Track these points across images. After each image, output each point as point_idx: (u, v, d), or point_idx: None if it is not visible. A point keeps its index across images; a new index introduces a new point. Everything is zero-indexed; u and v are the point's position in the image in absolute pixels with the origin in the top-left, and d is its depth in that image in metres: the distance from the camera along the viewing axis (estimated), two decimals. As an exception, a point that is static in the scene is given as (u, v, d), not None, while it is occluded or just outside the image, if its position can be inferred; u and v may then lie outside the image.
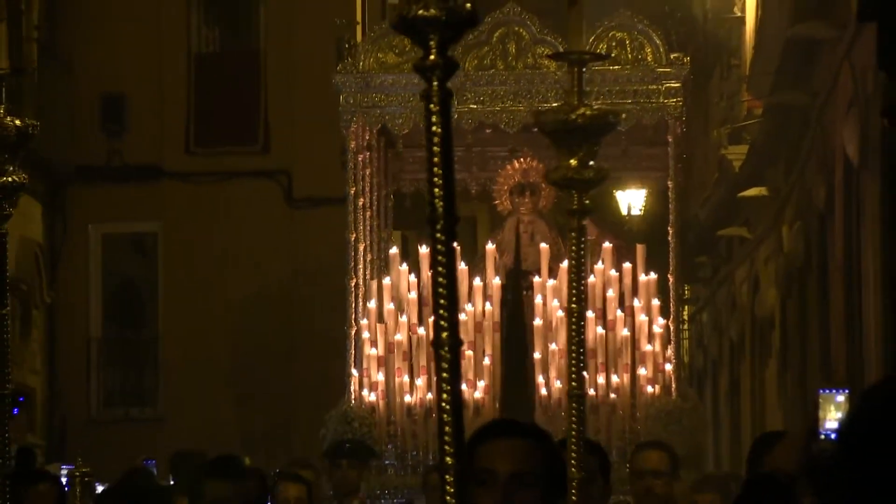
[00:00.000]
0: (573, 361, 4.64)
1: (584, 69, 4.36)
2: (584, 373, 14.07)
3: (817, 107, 20.51)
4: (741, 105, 25.23)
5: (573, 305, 4.61)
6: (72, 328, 25.70)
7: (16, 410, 22.65)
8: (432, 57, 3.04)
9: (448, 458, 2.92)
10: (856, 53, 16.62)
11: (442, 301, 3.00)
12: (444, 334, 2.97)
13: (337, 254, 15.92)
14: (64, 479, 15.39)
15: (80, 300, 25.82)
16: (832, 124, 19.16)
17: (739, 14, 25.28)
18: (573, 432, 4.51)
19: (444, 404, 2.98)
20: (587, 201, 4.50)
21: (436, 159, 3.01)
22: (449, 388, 2.98)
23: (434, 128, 3.01)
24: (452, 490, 2.91)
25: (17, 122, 4.78)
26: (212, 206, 25.11)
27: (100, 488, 18.03)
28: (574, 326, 4.63)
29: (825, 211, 20.30)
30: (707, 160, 28.88)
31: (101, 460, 20.26)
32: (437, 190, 3.01)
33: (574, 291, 4.60)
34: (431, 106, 3.03)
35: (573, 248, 4.60)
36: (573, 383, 4.61)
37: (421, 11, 2.97)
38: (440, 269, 3.01)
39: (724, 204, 26.88)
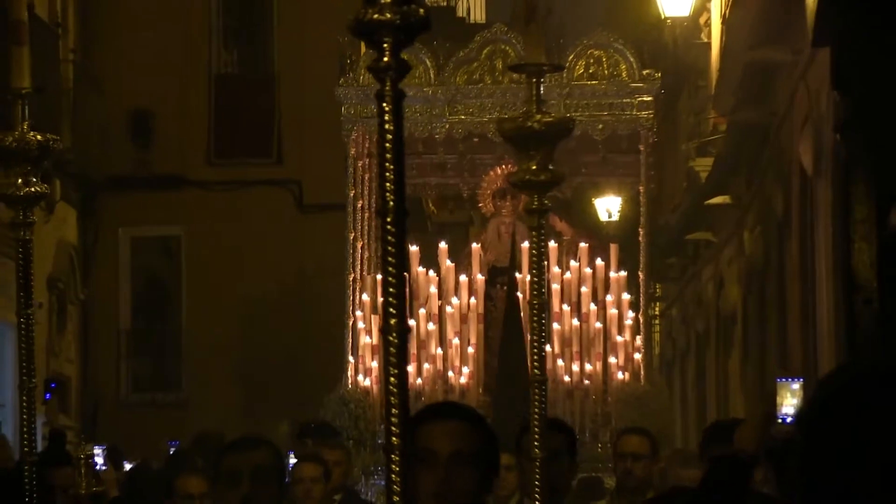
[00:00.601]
0: (534, 350, 4.60)
1: (542, 79, 4.37)
2: (560, 360, 13.94)
3: (775, 123, 20.52)
4: (707, 121, 25.21)
5: (534, 300, 4.60)
6: (103, 321, 25.69)
7: (48, 396, 22.51)
8: (386, 59, 2.93)
9: (394, 439, 2.84)
10: (811, 75, 16.59)
11: (391, 290, 2.89)
12: (393, 321, 2.87)
13: (341, 255, 15.84)
14: (101, 461, 15.27)
15: (110, 296, 25.83)
16: (789, 139, 19.16)
17: (705, 40, 25.23)
18: (535, 415, 4.49)
19: (391, 387, 2.89)
20: (546, 202, 4.49)
21: (388, 155, 2.93)
22: (396, 371, 2.88)
23: (387, 125, 2.93)
24: (397, 469, 2.83)
25: (39, 136, 4.73)
26: (230, 211, 25.17)
27: (127, 466, 18.00)
28: (535, 317, 4.58)
29: (783, 217, 20.30)
30: (676, 171, 28.87)
31: (129, 441, 20.25)
32: (388, 185, 2.92)
33: (535, 285, 4.58)
34: (384, 105, 2.95)
35: (534, 244, 4.57)
36: (535, 370, 4.57)
37: (376, 15, 2.86)
38: (390, 258, 2.89)
39: (691, 210, 26.84)
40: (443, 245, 15.95)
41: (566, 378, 14.32)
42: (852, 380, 2.26)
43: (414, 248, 15.65)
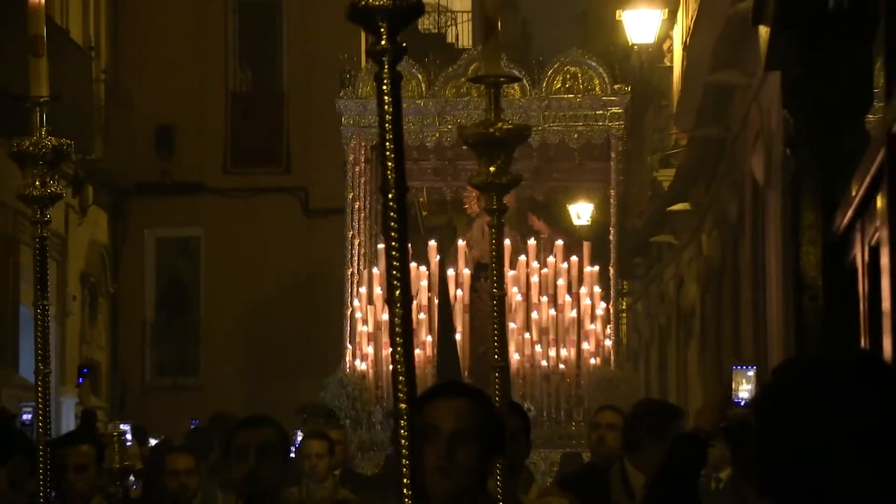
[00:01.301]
0: (496, 338, 4.44)
1: (500, 89, 4.29)
2: (538, 347, 13.82)
3: (731, 139, 20.52)
4: (670, 137, 25.21)
5: (495, 290, 4.45)
6: (130, 313, 25.67)
7: (81, 380, 22.49)
8: (383, 42, 2.80)
9: (402, 405, 2.73)
10: (762, 96, 16.60)
11: (395, 263, 2.78)
12: (398, 292, 2.77)
13: (342, 254, 15.79)
14: (129, 437, 15.24)
15: (137, 290, 25.79)
16: (743, 153, 19.15)
17: (668, 64, 25.21)
18: (497, 398, 4.33)
19: (397, 356, 2.77)
20: (505, 202, 4.37)
21: (388, 135, 2.81)
22: (402, 340, 2.77)
23: (386, 106, 2.81)
24: (406, 433, 2.73)
25: (54, 141, 4.60)
26: (244, 215, 25.18)
27: (153, 441, 18.01)
28: (496, 309, 4.45)
29: (737, 222, 20.30)
30: (642, 181, 28.88)
31: (153, 420, 20.24)
32: (389, 163, 2.80)
33: (496, 278, 4.44)
34: (384, 86, 2.83)
35: (493, 241, 4.44)
36: (496, 356, 4.42)
37: (372, 1, 2.76)
38: (393, 233, 2.78)
39: (655, 216, 26.84)
40: (432, 242, 15.93)
41: (543, 363, 14.27)
42: (802, 374, 2.23)
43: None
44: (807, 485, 2.09)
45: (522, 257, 14.70)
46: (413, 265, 15.44)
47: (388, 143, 2.80)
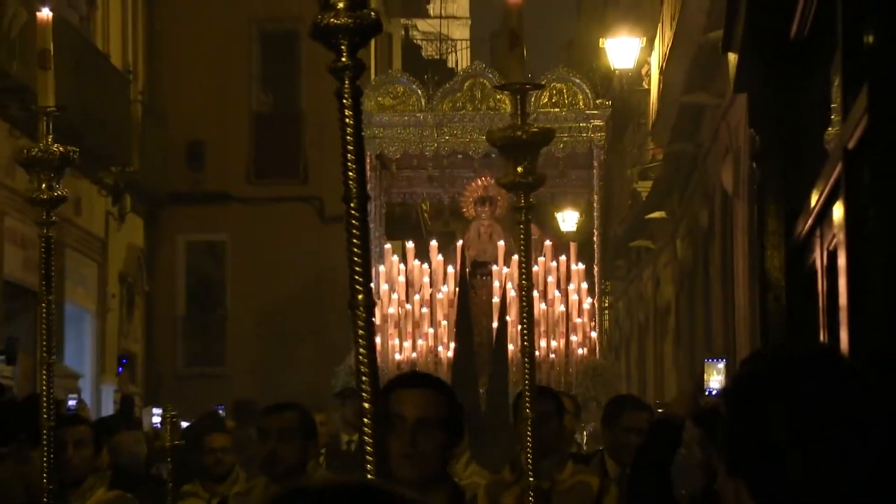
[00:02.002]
0: (524, 327, 4.32)
1: (525, 98, 4.17)
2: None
3: (702, 154, 20.52)
4: (647, 152, 25.22)
5: (523, 282, 4.36)
6: (164, 309, 25.66)
7: (120, 370, 22.50)
8: (343, 59, 2.66)
9: (365, 404, 2.58)
10: (731, 115, 16.60)
11: (357, 268, 2.65)
12: (360, 296, 2.63)
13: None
14: (157, 420, 15.24)
15: (169, 289, 25.80)
16: (713, 166, 19.15)
17: (646, 87, 25.19)
18: (526, 381, 4.25)
19: (360, 357, 2.62)
20: (532, 200, 4.29)
21: (350, 147, 2.69)
22: (364, 343, 2.62)
23: (347, 119, 2.69)
24: (370, 431, 2.58)
25: (60, 148, 4.51)
26: (265, 222, 25.17)
27: (184, 424, 18.02)
28: (524, 299, 4.34)
29: (708, 229, 20.29)
30: (623, 191, 28.86)
31: (183, 405, 20.19)
32: (351, 173, 2.69)
33: (524, 271, 4.33)
34: (344, 101, 2.69)
35: (522, 236, 4.32)
36: (525, 343, 4.29)
37: (332, 20, 2.63)
38: (355, 241, 2.64)
39: (635, 223, 26.84)
40: (433, 243, 15.94)
41: (535, 352, 14.32)
42: (768, 366, 2.23)
43: (410, 245, 15.65)
44: (772, 473, 2.07)
45: (516, 257, 14.74)
46: (416, 263, 15.44)
47: (349, 155, 2.70)
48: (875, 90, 4.03)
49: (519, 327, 15.12)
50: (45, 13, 4.52)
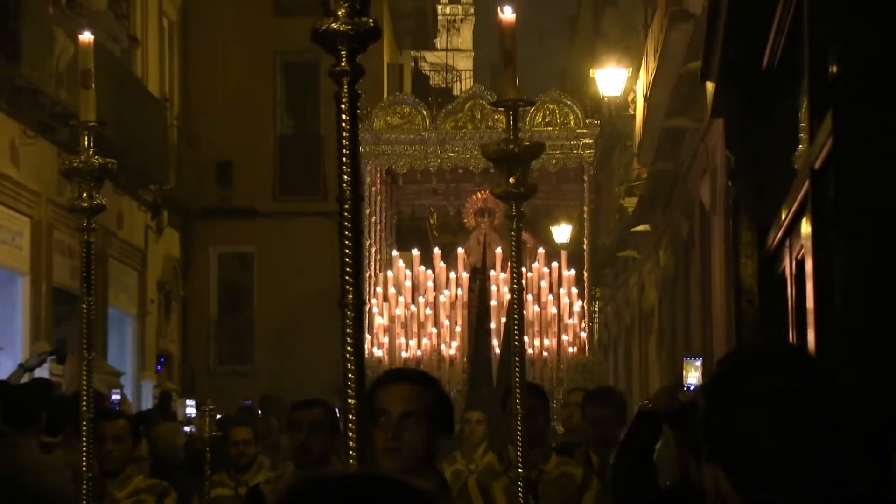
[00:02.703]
0: (515, 326, 4.16)
1: (518, 112, 4.02)
2: (525, 337, 13.69)
3: (682, 172, 20.48)
4: (633, 171, 25.19)
5: (514, 285, 4.22)
6: (198, 313, 25.65)
7: (159, 367, 22.50)
8: (343, 64, 2.54)
9: (350, 400, 2.47)
10: (709, 138, 16.58)
11: (347, 269, 2.53)
12: (349, 296, 2.53)
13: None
14: (193, 411, 15.23)
15: (203, 295, 25.78)
16: (693, 184, 19.12)
17: (632, 112, 25.20)
18: (517, 379, 4.07)
19: (348, 355, 2.50)
20: (523, 209, 4.11)
21: (345, 150, 2.52)
22: (352, 341, 2.51)
23: (344, 124, 2.52)
24: (353, 426, 2.46)
25: (99, 160, 4.40)
26: (289, 235, 25.20)
27: (217, 416, 18.02)
28: (515, 303, 4.20)
29: (688, 240, 20.26)
30: (611, 207, 28.83)
31: (216, 399, 20.13)
32: (345, 176, 2.52)
33: (515, 275, 4.17)
34: (342, 105, 2.53)
35: (513, 243, 4.14)
36: (516, 343, 4.14)
37: (333, 26, 2.51)
38: (346, 241, 2.52)
39: (621, 235, 26.82)
40: (437, 251, 15.92)
41: (529, 350, 14.24)
42: (743, 364, 2.23)
43: (415, 253, 15.64)
44: (747, 459, 2.08)
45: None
46: (422, 269, 15.41)
47: (345, 158, 2.51)
48: (839, 116, 4.03)
49: (511, 327, 15.09)
50: (86, 36, 4.44)
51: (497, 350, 13.77)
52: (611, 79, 24.02)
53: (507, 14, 3.82)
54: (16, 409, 7.76)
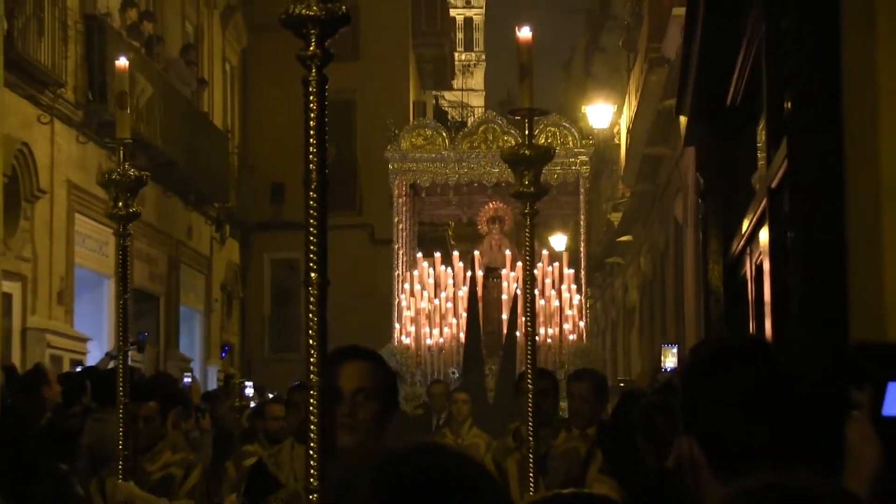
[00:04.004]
0: (528, 313, 3.90)
1: (533, 121, 3.80)
2: (531, 325, 13.48)
3: (660, 192, 20.43)
4: (618, 191, 25.16)
5: (527, 275, 3.97)
6: (254, 310, 25.58)
7: (223, 355, 22.50)
8: (312, 48, 2.23)
9: (312, 377, 2.17)
10: (682, 163, 16.55)
11: (312, 248, 2.25)
12: (314, 275, 2.24)
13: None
14: (251, 391, 15.24)
15: (258, 295, 25.71)
16: (669, 202, 19.08)
17: (617, 142, 25.20)
18: (528, 362, 3.86)
19: (311, 332, 2.19)
20: (535, 208, 3.88)
21: (312, 132, 2.22)
22: (316, 319, 2.20)
23: (311, 105, 2.23)
24: (316, 403, 2.17)
25: (135, 173, 4.17)
26: (330, 244, 24.58)
27: (269, 395, 18.06)
28: (528, 293, 3.94)
29: (664, 249, 20.22)
30: (600, 221, 28.80)
31: (269, 382, 20.19)
32: (312, 157, 2.24)
33: (528, 266, 3.92)
34: (310, 88, 2.23)
35: (527, 236, 3.88)
36: (529, 327, 3.89)
37: (303, 10, 2.20)
38: (312, 221, 2.24)
39: (608, 244, 26.78)
40: (455, 253, 15.87)
41: (536, 337, 14.14)
42: (711, 352, 2.22)
43: (437, 255, 15.58)
44: (717, 431, 2.07)
45: (520, 263, 14.61)
46: (443, 268, 15.32)
47: (311, 140, 2.22)
48: (792, 143, 4.02)
49: (523, 318, 14.89)
50: (122, 62, 4.22)
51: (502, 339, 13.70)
52: (599, 113, 24.02)
53: (524, 33, 3.69)
54: (103, 390, 7.79)
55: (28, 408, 8.15)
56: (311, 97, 2.23)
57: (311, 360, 2.17)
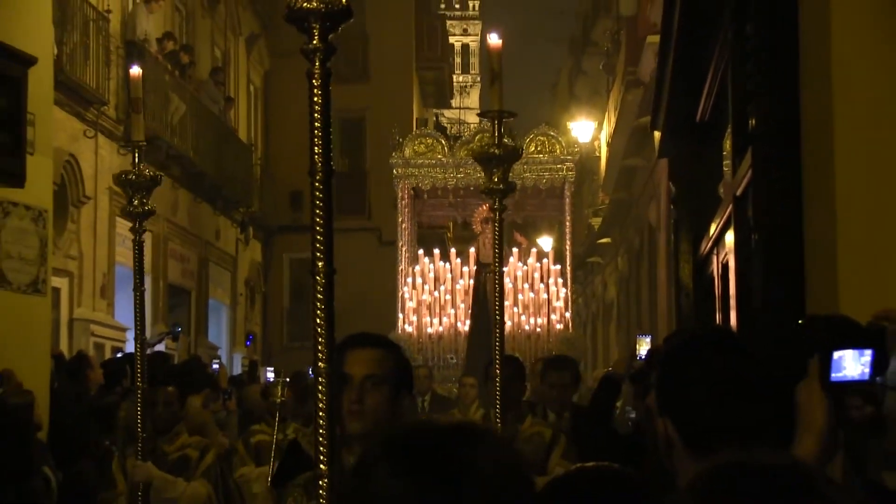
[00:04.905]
0: (496, 306, 3.61)
1: (502, 122, 3.51)
2: (524, 317, 13.19)
3: (636, 199, 20.40)
4: (598, 198, 25.13)
5: (495, 267, 3.68)
6: (275, 304, 25.51)
7: (248, 343, 22.47)
8: (315, 42, 2.02)
9: (321, 364, 1.98)
10: (656, 173, 16.52)
11: (319, 238, 2.05)
12: (320, 264, 2.04)
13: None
14: (272, 376, 15.18)
15: (278, 290, 25.63)
16: (644, 208, 19.04)
17: (598, 154, 25.16)
18: (497, 349, 3.56)
19: (318, 320, 2.00)
20: (505, 207, 3.60)
21: (317, 124, 2.02)
22: (323, 307, 2.00)
23: (316, 98, 2.03)
24: (324, 389, 1.97)
25: (150, 173, 4.00)
26: (341, 246, 24.35)
27: (287, 379, 18.01)
28: (497, 284, 3.64)
29: (639, 250, 20.18)
30: (582, 225, 28.75)
31: (288, 368, 20.11)
32: (317, 149, 2.02)
33: (496, 258, 3.65)
34: (314, 81, 2.03)
35: (496, 230, 3.62)
36: (497, 316, 3.58)
37: (305, 4, 1.99)
38: (318, 211, 2.02)
39: (589, 246, 26.74)
40: (453, 250, 15.84)
41: (526, 327, 14.05)
42: (682, 341, 2.21)
43: (436, 251, 15.51)
44: (689, 412, 2.06)
45: (511, 259, 14.56)
46: (442, 264, 15.24)
47: (317, 132, 2.01)
48: (756, 155, 4.00)
49: (515, 310, 14.65)
50: (135, 70, 4.11)
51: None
52: (582, 129, 24.04)
53: (494, 40, 3.53)
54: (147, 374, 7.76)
55: (74, 390, 8.13)
56: (316, 90, 2.03)
57: (319, 347, 1.98)
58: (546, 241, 24.24)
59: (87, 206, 14.39)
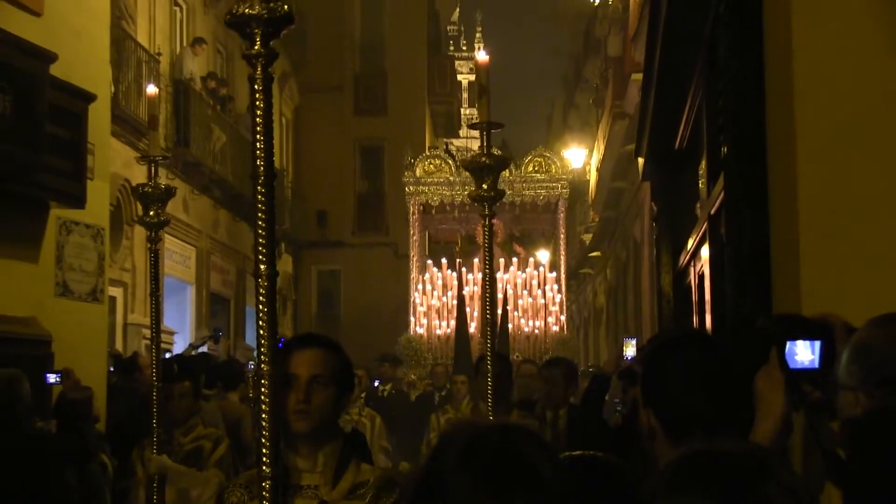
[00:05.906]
0: (487, 306, 3.45)
1: (491, 133, 3.29)
2: (523, 319, 13.13)
3: (622, 217, 20.38)
4: (589, 216, 25.10)
5: (487, 270, 3.50)
6: (304, 310, 25.54)
7: (280, 345, 22.45)
8: (256, 47, 1.84)
9: (264, 366, 1.81)
10: (640, 194, 16.49)
11: (261, 241, 1.84)
12: (263, 266, 1.86)
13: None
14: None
15: (306, 298, 25.68)
16: (630, 224, 19.03)
17: (588, 178, 25.14)
18: (488, 347, 3.43)
19: (261, 322, 1.81)
20: (495, 213, 3.42)
21: (259, 128, 1.83)
22: (266, 310, 1.81)
23: (258, 103, 1.83)
24: (267, 391, 1.80)
25: (164, 185, 3.81)
26: (363, 259, 25.10)
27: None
28: (488, 288, 3.48)
29: (626, 263, 20.15)
30: (575, 240, 28.73)
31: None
32: (259, 152, 1.83)
33: (488, 263, 3.47)
34: (256, 86, 1.84)
35: (486, 234, 3.43)
36: (488, 317, 3.40)
37: (247, 10, 1.82)
38: (261, 215, 1.82)
39: (581, 259, 26.70)
40: (458, 260, 15.87)
41: (525, 329, 14.06)
42: (664, 343, 2.21)
43: (444, 261, 15.49)
44: (670, 405, 2.07)
45: (512, 268, 14.52)
46: (449, 272, 15.21)
47: (258, 136, 1.82)
48: (727, 179, 4.01)
49: (515, 313, 14.62)
50: (151, 89, 3.97)
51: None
52: (574, 156, 24.00)
53: (482, 56, 3.40)
54: (209, 375, 7.79)
55: (127, 386, 8.15)
56: (258, 94, 1.83)
57: (262, 349, 1.81)
58: (543, 255, 24.25)
59: (139, 224, 14.48)
